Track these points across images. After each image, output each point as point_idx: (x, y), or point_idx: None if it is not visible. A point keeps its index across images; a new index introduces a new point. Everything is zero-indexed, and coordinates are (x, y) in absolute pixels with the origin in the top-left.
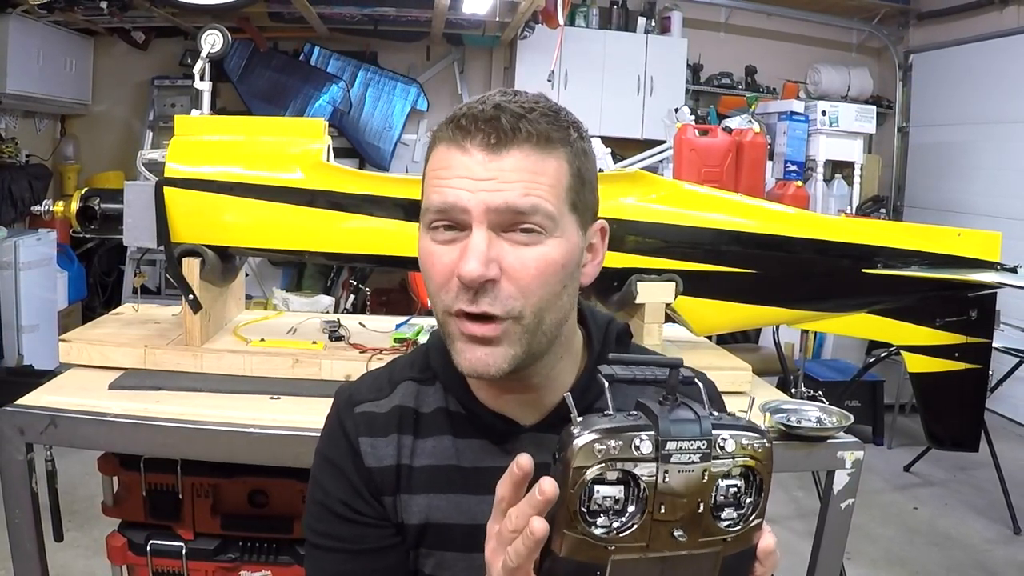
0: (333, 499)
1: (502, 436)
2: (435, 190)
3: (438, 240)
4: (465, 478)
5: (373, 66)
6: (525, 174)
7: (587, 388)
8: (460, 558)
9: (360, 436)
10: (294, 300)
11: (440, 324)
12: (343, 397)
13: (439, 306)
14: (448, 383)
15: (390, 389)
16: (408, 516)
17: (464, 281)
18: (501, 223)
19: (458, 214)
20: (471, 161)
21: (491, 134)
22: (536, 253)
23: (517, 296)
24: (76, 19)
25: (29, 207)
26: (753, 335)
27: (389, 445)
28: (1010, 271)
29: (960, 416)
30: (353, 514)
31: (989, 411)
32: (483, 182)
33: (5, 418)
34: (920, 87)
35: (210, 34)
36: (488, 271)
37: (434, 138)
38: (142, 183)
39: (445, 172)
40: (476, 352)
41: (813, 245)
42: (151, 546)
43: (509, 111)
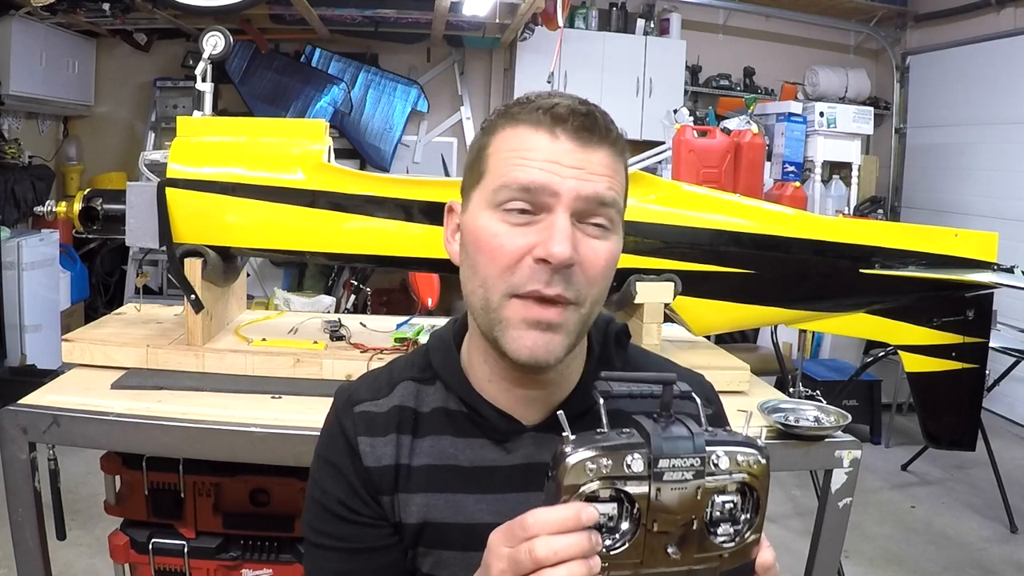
0: (331, 499)
1: (504, 434)
2: (520, 168)
3: (510, 222)
4: (463, 477)
5: (374, 68)
6: (607, 170)
7: (588, 390)
8: (457, 557)
9: (359, 436)
10: (295, 300)
11: (490, 309)
12: (342, 397)
13: (499, 288)
14: (450, 381)
15: (388, 389)
16: (406, 515)
17: (554, 260)
18: (581, 212)
19: (544, 196)
20: (559, 148)
21: (586, 127)
22: (606, 246)
23: (586, 284)
24: (79, 21)
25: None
26: (751, 335)
27: (388, 445)
28: (1006, 271)
29: (957, 415)
30: (350, 514)
31: (986, 410)
32: (572, 170)
33: (8, 417)
34: (917, 88)
35: (212, 36)
36: (574, 254)
37: (508, 118)
38: (144, 184)
39: (531, 153)
40: (537, 339)
41: (811, 245)
42: (153, 544)
43: (600, 110)
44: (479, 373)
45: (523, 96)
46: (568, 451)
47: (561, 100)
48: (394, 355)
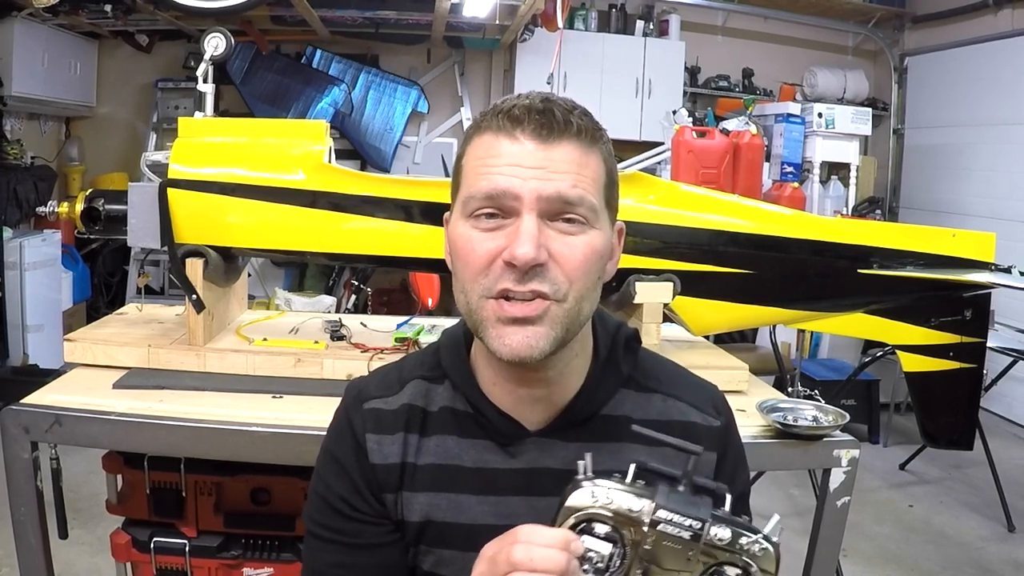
0: (334, 494)
1: (507, 438)
2: (483, 177)
3: (480, 227)
4: (467, 478)
5: (374, 69)
6: (573, 166)
7: (593, 392)
8: (457, 556)
9: (367, 432)
10: (296, 300)
11: (471, 312)
12: (352, 393)
13: (475, 291)
14: (458, 381)
15: (399, 387)
16: (409, 513)
17: (518, 263)
18: (548, 212)
19: (508, 200)
20: (521, 150)
21: (544, 124)
22: (582, 241)
23: (564, 280)
24: (80, 22)
25: (34, 208)
26: (750, 335)
27: (395, 443)
28: (1004, 271)
29: (955, 415)
30: (351, 511)
31: (984, 410)
32: (534, 170)
33: (10, 417)
34: (915, 89)
35: (213, 37)
36: (540, 255)
37: (476, 128)
38: (146, 184)
39: (494, 160)
40: (517, 335)
41: (809, 246)
42: (155, 543)
43: (559, 105)
44: (485, 375)
45: (496, 103)
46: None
47: (520, 101)
48: (395, 355)
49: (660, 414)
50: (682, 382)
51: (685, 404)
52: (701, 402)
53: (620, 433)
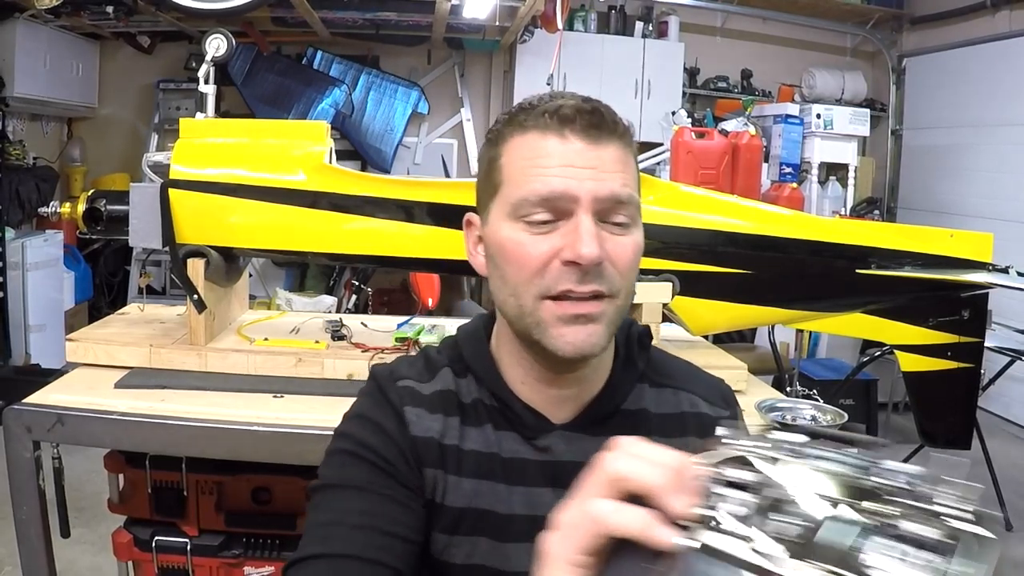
0: (367, 449)
1: (533, 431)
2: (535, 178)
3: (534, 230)
4: (504, 468)
5: (375, 70)
6: (619, 166)
7: (616, 388)
8: (493, 547)
9: (405, 405)
10: (297, 300)
11: (525, 314)
12: (384, 373)
13: (530, 293)
14: (483, 375)
15: (430, 376)
16: (453, 499)
17: (583, 262)
18: (600, 212)
19: (565, 202)
20: (570, 149)
21: (593, 124)
22: (630, 240)
23: (618, 278)
24: (82, 23)
25: (36, 209)
26: (749, 334)
27: (435, 421)
28: (1002, 271)
29: (953, 414)
30: (387, 465)
31: (981, 409)
32: (586, 170)
33: (13, 416)
34: (913, 90)
35: (214, 38)
36: (601, 253)
37: (517, 126)
38: (147, 185)
39: (545, 160)
40: (580, 333)
41: (808, 246)
42: (156, 542)
43: (602, 104)
44: (512, 374)
45: (525, 101)
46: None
47: (566, 101)
48: (395, 355)
49: (674, 407)
50: (692, 377)
51: (696, 397)
52: (711, 395)
53: (640, 427)
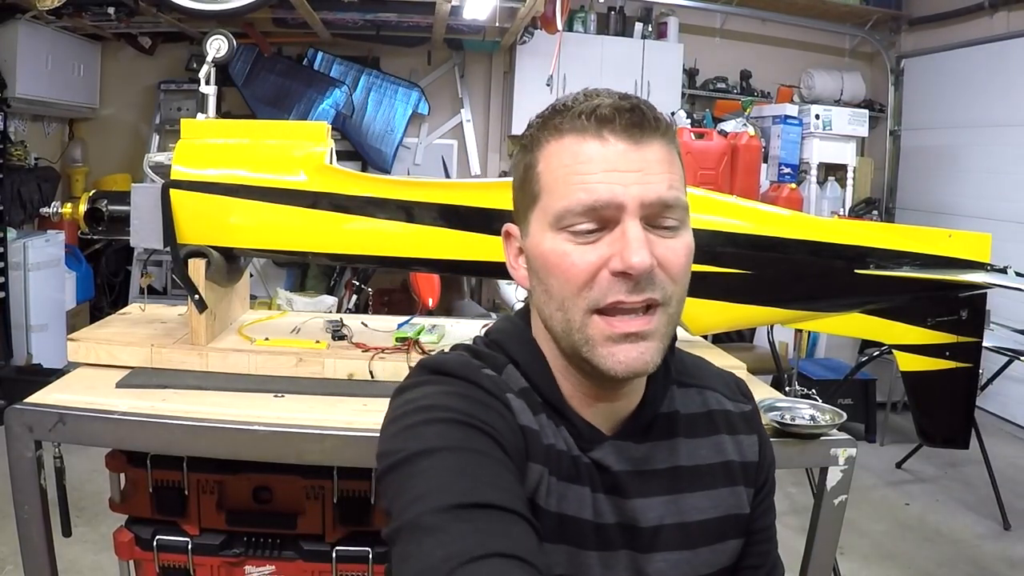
0: (472, 417)
1: (589, 442)
2: (578, 187)
3: (579, 241)
4: (583, 470)
5: (375, 70)
6: (665, 166)
7: (657, 395)
8: (572, 555)
9: (506, 392)
10: (298, 300)
11: (573, 330)
12: (457, 361)
13: (579, 307)
14: (540, 384)
15: (501, 370)
16: (551, 502)
17: (635, 271)
18: (648, 217)
19: (611, 210)
20: (612, 152)
21: (634, 123)
22: (681, 243)
23: (670, 284)
24: (84, 25)
25: (38, 209)
26: (748, 334)
27: (529, 416)
28: (1000, 271)
29: (951, 414)
30: (500, 436)
31: (979, 409)
32: (630, 174)
33: (14, 416)
34: (912, 91)
35: (215, 39)
36: (653, 261)
37: (552, 130)
38: (149, 185)
39: (585, 166)
40: (631, 352)
41: (807, 246)
42: (158, 541)
43: (642, 101)
44: (560, 388)
45: (559, 102)
46: None
47: (602, 100)
48: (396, 355)
49: (701, 406)
50: (709, 373)
51: (719, 394)
52: (730, 391)
53: (675, 429)
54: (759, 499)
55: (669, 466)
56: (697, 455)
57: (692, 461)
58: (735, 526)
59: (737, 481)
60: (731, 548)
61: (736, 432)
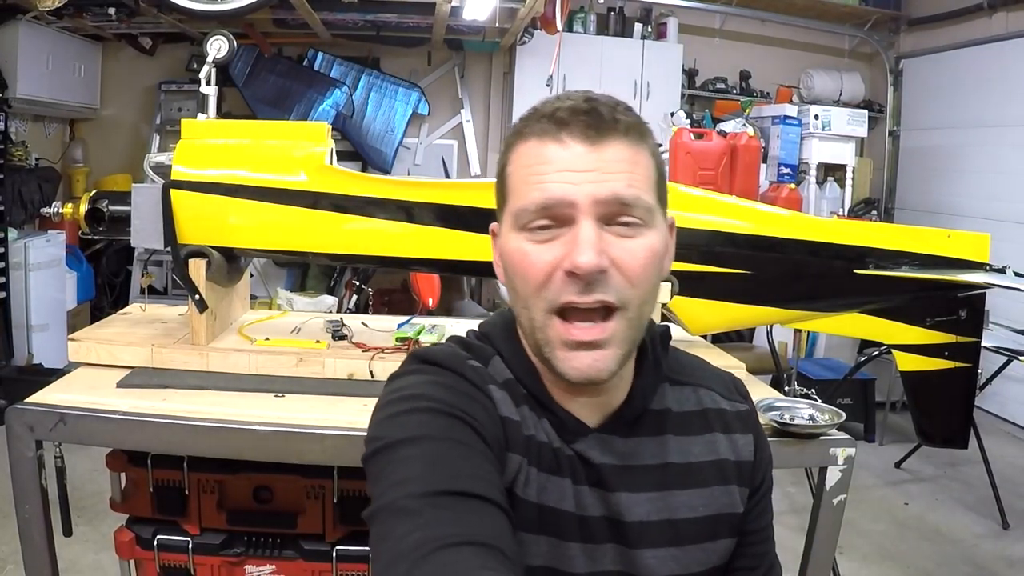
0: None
1: (572, 434)
2: (534, 187)
3: (535, 240)
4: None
5: (375, 71)
6: (625, 165)
7: (644, 391)
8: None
9: (488, 384)
10: (298, 300)
11: (536, 330)
12: (445, 352)
13: (539, 307)
14: (524, 377)
15: (488, 361)
16: (529, 492)
17: (581, 272)
18: (605, 215)
19: (563, 208)
20: (569, 153)
21: (590, 125)
22: (641, 244)
23: (627, 286)
24: (85, 25)
25: (39, 209)
26: (747, 334)
27: (511, 405)
28: (999, 272)
29: (950, 413)
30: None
31: (978, 409)
32: (586, 173)
33: (15, 416)
34: (911, 92)
35: (216, 40)
36: (602, 261)
37: (518, 135)
38: (149, 186)
39: (543, 167)
40: (584, 359)
41: (806, 246)
42: (158, 541)
43: (602, 102)
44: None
45: (533, 107)
46: None
47: (563, 103)
48: (396, 354)
49: (695, 404)
50: (705, 372)
51: (715, 393)
52: (727, 390)
53: (664, 426)
54: (755, 500)
55: (659, 463)
56: (689, 452)
57: (683, 458)
58: (727, 525)
59: (730, 480)
60: (723, 547)
61: (731, 431)
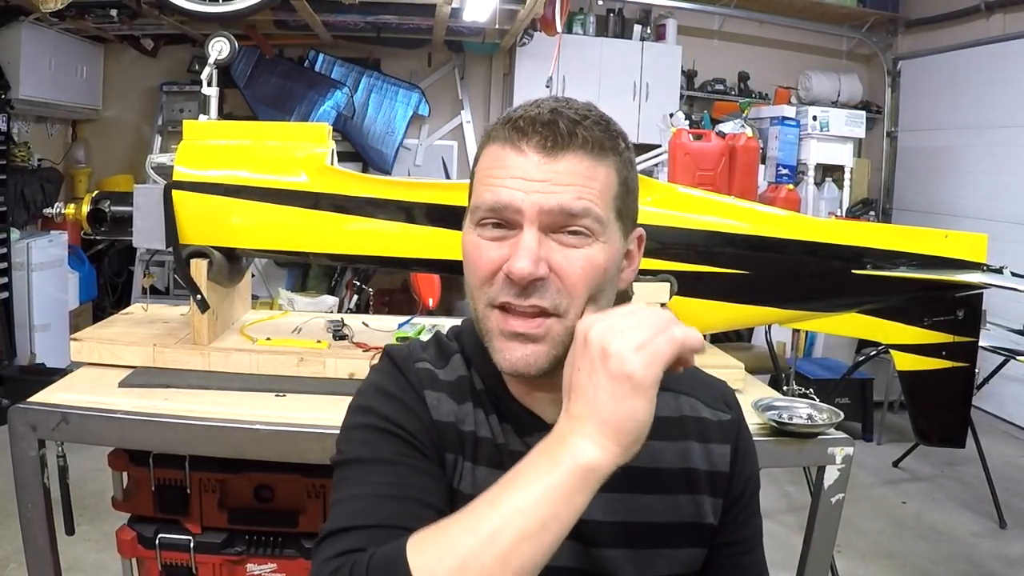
0: (393, 424)
1: (527, 429)
2: (488, 188)
3: (486, 236)
4: (506, 458)
5: (376, 72)
6: (579, 178)
7: None
8: None
9: (424, 389)
10: (299, 300)
11: (479, 319)
12: (401, 352)
13: (481, 300)
14: (482, 372)
15: (444, 362)
16: (466, 485)
17: (514, 278)
18: (552, 224)
19: (510, 214)
20: (526, 162)
21: (548, 137)
22: (583, 254)
23: (564, 294)
24: (87, 27)
25: (41, 210)
26: (746, 334)
27: (451, 404)
28: (996, 272)
29: (947, 413)
30: (414, 439)
31: (976, 408)
32: (537, 183)
33: (18, 415)
34: (908, 93)
35: (217, 41)
36: (538, 270)
37: (487, 137)
38: (151, 186)
39: (499, 171)
40: (516, 351)
41: (804, 247)
42: (160, 539)
43: (566, 116)
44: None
45: (508, 110)
46: None
47: (527, 112)
48: None
49: (673, 411)
50: (692, 380)
51: (696, 400)
52: (711, 399)
53: None
54: (736, 511)
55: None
56: (658, 458)
57: (651, 463)
58: (692, 535)
59: (699, 490)
60: (686, 556)
61: (708, 440)
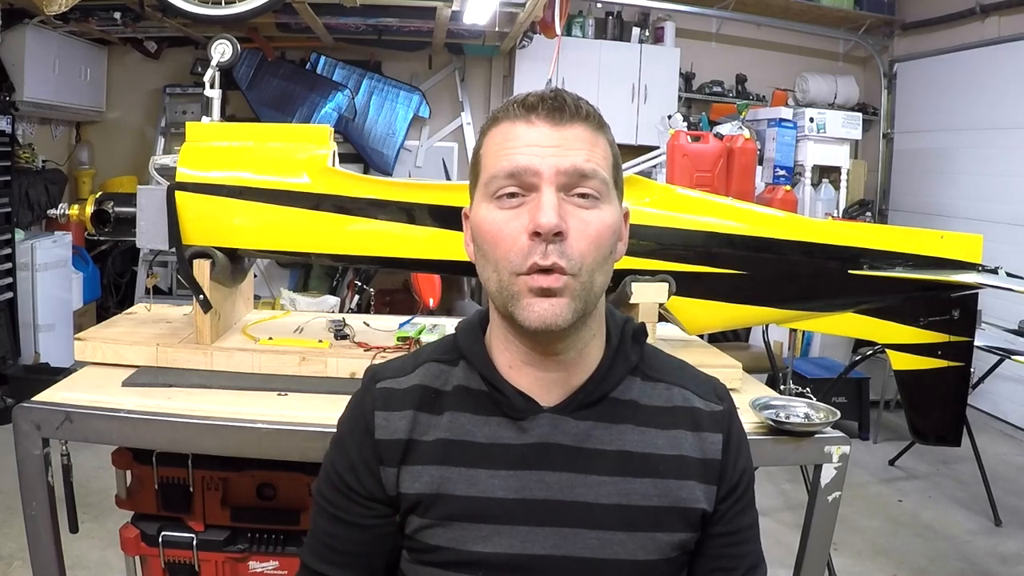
0: (333, 469)
1: (521, 412)
2: (504, 158)
3: (504, 207)
4: (479, 452)
5: (377, 74)
6: (585, 143)
7: (605, 376)
8: (470, 528)
9: (376, 410)
10: (301, 300)
11: (503, 288)
12: (369, 375)
13: (506, 269)
14: (474, 360)
15: (411, 369)
16: (409, 486)
17: (542, 231)
18: (567, 185)
19: (529, 176)
20: (538, 132)
21: (556, 109)
22: (594, 216)
23: (577, 255)
24: (91, 29)
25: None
26: (743, 334)
27: (403, 419)
28: (991, 272)
29: (943, 412)
30: (344, 487)
31: (971, 407)
32: (550, 148)
33: (22, 414)
34: (904, 95)
35: (220, 44)
36: (561, 223)
37: (493, 121)
38: (154, 187)
39: (513, 143)
40: (543, 304)
41: (801, 247)
42: (163, 537)
43: (568, 95)
44: (501, 359)
45: (507, 99)
46: None
47: (532, 93)
48: (397, 353)
49: (665, 400)
50: (685, 373)
51: (689, 392)
52: (703, 391)
53: (625, 416)
54: (731, 501)
55: (615, 449)
56: (650, 444)
57: (643, 449)
58: (682, 519)
59: (690, 476)
60: (678, 540)
61: (700, 429)
